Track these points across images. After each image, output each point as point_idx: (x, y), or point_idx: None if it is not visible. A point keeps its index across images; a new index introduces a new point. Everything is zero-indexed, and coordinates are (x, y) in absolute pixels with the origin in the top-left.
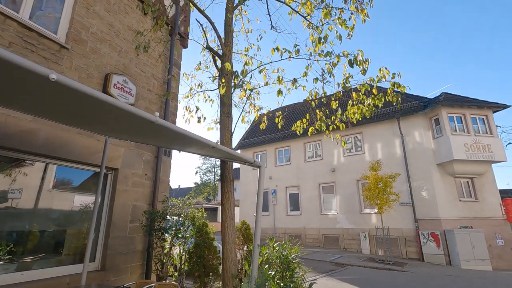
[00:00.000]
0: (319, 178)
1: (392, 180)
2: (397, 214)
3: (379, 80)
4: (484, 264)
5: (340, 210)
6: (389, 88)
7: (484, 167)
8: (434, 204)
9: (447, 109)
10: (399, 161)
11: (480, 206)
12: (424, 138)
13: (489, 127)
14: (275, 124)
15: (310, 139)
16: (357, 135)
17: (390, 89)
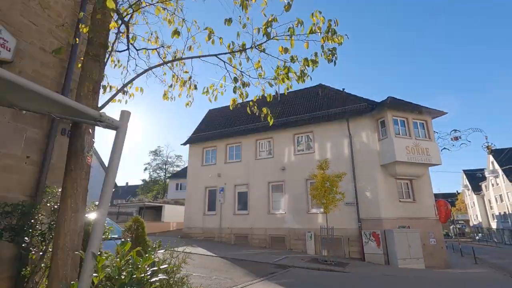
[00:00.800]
0: (269, 176)
1: (338, 180)
2: (342, 214)
3: (312, 31)
4: (418, 263)
5: (288, 209)
6: (322, 38)
7: (422, 169)
8: (377, 204)
9: (392, 112)
10: (347, 161)
11: (417, 207)
12: (370, 139)
13: (428, 132)
14: (227, 120)
15: (262, 136)
16: (309, 134)
17: (323, 38)
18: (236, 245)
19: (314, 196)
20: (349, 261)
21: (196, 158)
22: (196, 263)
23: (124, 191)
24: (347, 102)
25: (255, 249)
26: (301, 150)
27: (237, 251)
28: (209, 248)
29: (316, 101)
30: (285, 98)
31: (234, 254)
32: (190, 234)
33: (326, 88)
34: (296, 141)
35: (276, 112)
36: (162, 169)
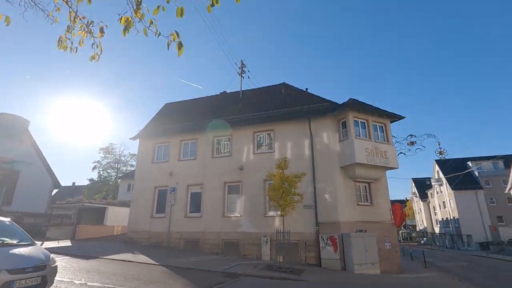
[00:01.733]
0: (226, 176)
1: (298, 180)
2: (300, 217)
3: None
4: (374, 268)
5: (244, 212)
6: None
7: (380, 172)
8: (335, 207)
9: (354, 113)
10: (307, 162)
11: (374, 211)
12: (331, 140)
13: (386, 135)
14: (183, 114)
15: (220, 133)
16: (270, 133)
17: None
18: (186, 251)
19: (272, 197)
20: (306, 268)
21: (146, 155)
22: (130, 274)
23: (70, 192)
24: (310, 102)
25: (206, 255)
26: (261, 149)
27: (185, 258)
28: (153, 255)
29: (279, 99)
30: (247, 95)
31: (180, 262)
32: (134, 239)
33: (289, 87)
34: (256, 139)
35: (236, 109)
36: (113, 168)
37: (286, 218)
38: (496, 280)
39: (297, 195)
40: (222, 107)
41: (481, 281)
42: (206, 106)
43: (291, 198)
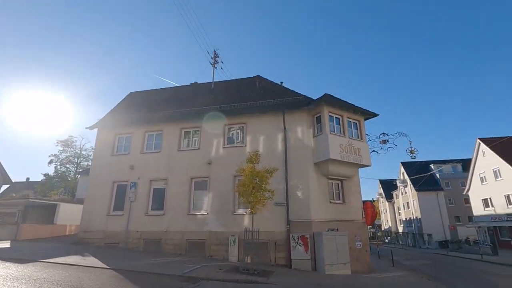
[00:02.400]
0: (193, 171)
1: (269, 176)
2: (271, 215)
3: None
4: (345, 268)
5: (211, 210)
6: None
7: (353, 170)
8: (308, 205)
9: (329, 108)
10: (280, 158)
11: (346, 209)
12: (305, 135)
13: (360, 132)
14: (149, 104)
15: (188, 125)
16: (241, 126)
17: None
18: (145, 252)
19: (241, 193)
20: (275, 269)
21: (105, 146)
22: (69, 280)
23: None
24: (284, 95)
25: (168, 257)
26: (232, 143)
27: (142, 260)
28: (106, 257)
29: (253, 92)
30: (219, 86)
31: (135, 265)
32: (87, 239)
33: (264, 80)
34: (227, 132)
35: (207, 101)
36: (73, 163)
37: (256, 216)
38: (460, 278)
39: (268, 191)
40: (192, 98)
41: (447, 279)
42: (175, 97)
43: (261, 195)
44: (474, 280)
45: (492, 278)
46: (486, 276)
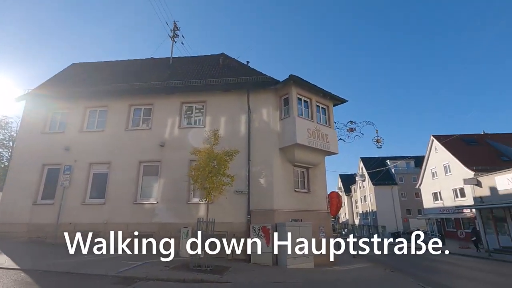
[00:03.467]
0: (142, 154)
1: (229, 159)
2: (230, 205)
3: None
4: (308, 261)
5: (162, 198)
6: None
7: (320, 157)
8: (271, 193)
9: (297, 89)
10: (242, 141)
11: (311, 198)
12: (271, 117)
13: (328, 118)
14: (95, 76)
15: (139, 101)
16: (201, 104)
17: None
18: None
19: (195, 178)
20: (232, 264)
21: (35, 122)
22: None
23: None
24: (250, 75)
25: (107, 253)
26: (189, 124)
27: (72, 257)
28: (24, 255)
29: (215, 70)
30: (178, 62)
31: (59, 264)
32: (6, 233)
33: (229, 59)
34: (184, 111)
35: (163, 76)
36: (7, 147)
37: (213, 205)
38: (419, 268)
39: (227, 177)
40: (145, 72)
41: (408, 269)
42: (126, 71)
43: (219, 180)
44: (433, 270)
45: (446, 266)
46: (441, 265)
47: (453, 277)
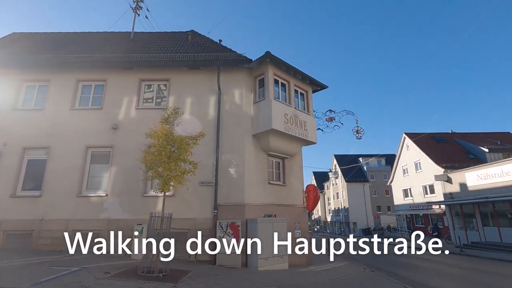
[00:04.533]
0: (90, 138)
1: (193, 143)
2: (194, 198)
3: None
4: (282, 262)
5: (113, 190)
6: None
7: (297, 146)
8: (241, 185)
9: (274, 69)
10: (210, 126)
11: (287, 192)
12: (244, 100)
13: (307, 104)
14: (37, 46)
15: (89, 76)
16: (164, 83)
17: None
18: (5, 251)
19: (149, 164)
20: (193, 267)
21: None
22: None
23: None
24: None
25: (38, 256)
26: (149, 104)
27: None
28: None
29: (183, 47)
30: (140, 37)
31: None
32: None
33: (199, 36)
34: (144, 90)
35: (122, 50)
36: None
37: (175, 199)
38: (396, 265)
39: (190, 163)
40: (100, 45)
41: (387, 268)
42: (76, 43)
43: (179, 167)
44: (411, 268)
45: (423, 263)
46: (418, 262)
47: (434, 275)
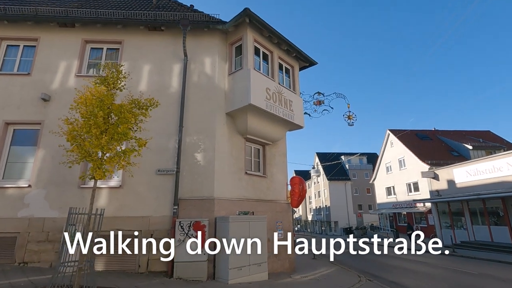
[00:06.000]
0: (11, 111)
1: (143, 114)
2: (148, 191)
3: None
4: (260, 271)
5: (39, 180)
6: None
7: (281, 130)
8: (210, 175)
9: (254, 34)
10: (173, 99)
11: (267, 184)
12: (217, 70)
13: (293, 82)
14: None
15: (15, 33)
16: (115, 45)
17: None
18: None
19: (71, 137)
20: (141, 283)
21: None
22: None
23: None
24: None
25: None
26: (94, 71)
27: None
28: None
29: (145, 8)
30: None
31: None
32: None
33: None
34: (88, 53)
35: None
36: None
37: (124, 191)
38: (389, 270)
39: (135, 139)
40: None
41: (381, 274)
42: None
43: (117, 144)
44: (409, 273)
45: (418, 267)
46: (412, 266)
47: (439, 280)
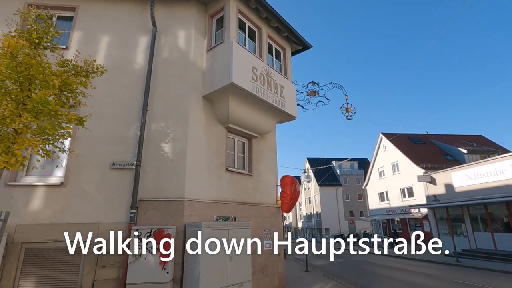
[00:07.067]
0: None
1: (82, 84)
2: (99, 189)
3: None
4: None
5: None
6: None
7: (270, 121)
8: (181, 170)
9: (239, 3)
10: (138, 77)
11: (253, 184)
12: (194, 45)
13: (284, 66)
14: None
15: None
16: (68, 12)
17: None
18: None
19: None
20: None
21: None
22: None
23: None
24: None
25: None
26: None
27: None
28: None
29: None
30: None
31: None
32: None
33: None
34: (34, 21)
35: None
36: None
37: (68, 190)
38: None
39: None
40: None
41: None
42: None
43: (38, 119)
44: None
45: (429, 281)
46: (422, 280)
47: None
